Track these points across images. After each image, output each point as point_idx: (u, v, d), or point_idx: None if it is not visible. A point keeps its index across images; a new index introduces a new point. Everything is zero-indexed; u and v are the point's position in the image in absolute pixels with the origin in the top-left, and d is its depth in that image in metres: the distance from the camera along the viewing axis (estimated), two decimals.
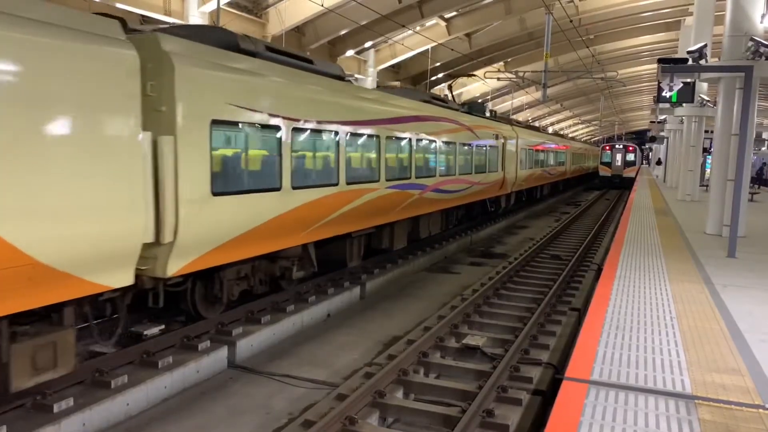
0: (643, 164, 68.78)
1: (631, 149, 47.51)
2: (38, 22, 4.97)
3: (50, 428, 5.56)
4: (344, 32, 26.40)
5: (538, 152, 27.46)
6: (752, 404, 4.92)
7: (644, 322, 7.11)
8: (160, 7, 19.07)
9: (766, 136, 47.63)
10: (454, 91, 42.50)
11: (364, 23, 24.61)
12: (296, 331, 9.41)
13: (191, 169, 6.67)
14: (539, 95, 47.27)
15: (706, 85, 22.05)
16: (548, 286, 12.19)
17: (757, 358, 6.01)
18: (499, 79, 34.01)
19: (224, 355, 7.84)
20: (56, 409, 5.81)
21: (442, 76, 37.96)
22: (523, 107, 57.59)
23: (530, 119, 62.07)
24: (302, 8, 22.76)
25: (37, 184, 4.94)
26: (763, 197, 28.46)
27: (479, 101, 34.09)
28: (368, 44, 30.06)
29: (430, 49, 32.19)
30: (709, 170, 29.97)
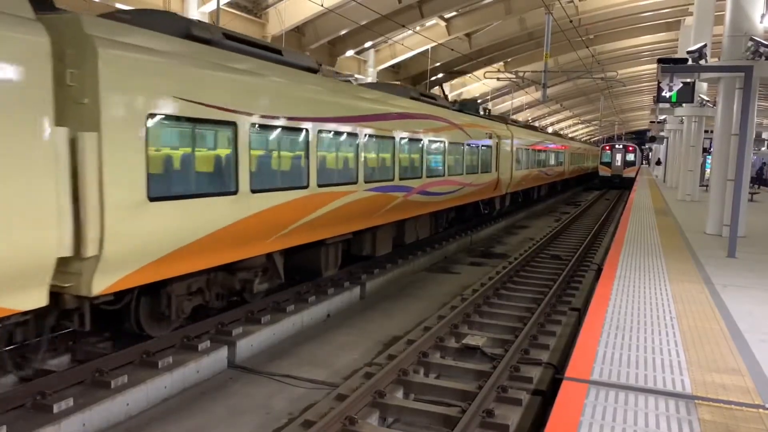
0: (643, 164, 68.79)
1: (630, 149, 47.53)
2: None
3: (50, 428, 5.55)
4: (344, 32, 26.40)
5: (534, 152, 26.83)
6: (752, 404, 4.92)
7: (644, 322, 7.11)
8: (159, 7, 19.07)
9: (766, 136, 47.64)
10: (454, 91, 42.59)
11: (364, 23, 24.61)
12: (296, 331, 9.41)
13: (121, 170, 5.82)
14: (539, 95, 47.27)
15: (705, 85, 22.06)
16: (548, 286, 12.19)
17: (757, 358, 6.01)
18: (498, 79, 34.01)
19: (224, 355, 7.83)
20: (56, 409, 5.80)
21: (442, 76, 37.98)
22: (523, 107, 57.61)
23: (530, 119, 62.08)
24: (302, 8, 22.76)
25: None
26: (763, 197, 28.46)
27: (478, 101, 34.11)
28: (368, 44, 30.06)
29: (430, 49, 32.19)
30: (709, 170, 29.97)
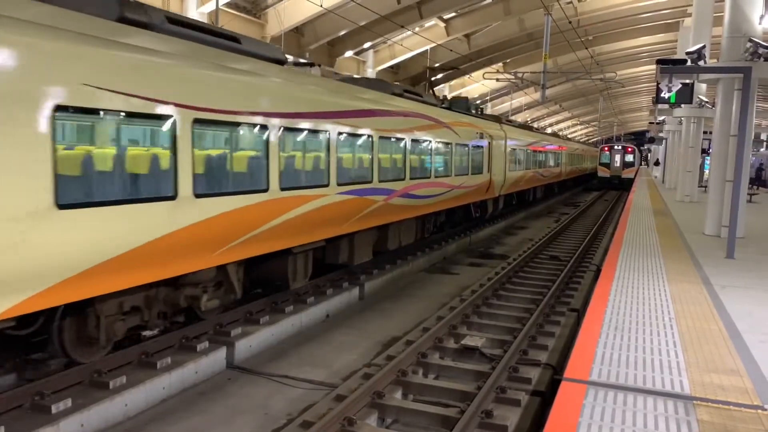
0: (641, 165, 68.87)
1: (629, 150, 47.59)
2: None
3: (48, 429, 5.54)
4: (343, 33, 26.42)
5: (530, 153, 26.09)
6: (751, 405, 4.92)
7: (643, 322, 7.11)
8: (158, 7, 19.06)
9: (764, 136, 47.70)
10: (454, 91, 42.59)
11: (363, 24, 24.62)
12: (295, 331, 9.40)
13: (14, 172, 4.87)
14: (538, 96, 47.30)
15: (704, 86, 22.08)
16: (547, 286, 12.20)
17: (755, 358, 6.01)
18: (498, 80, 34.03)
19: (223, 355, 7.83)
20: (54, 410, 5.79)
21: (441, 76, 37.99)
22: (522, 108, 57.65)
23: (529, 120, 62.13)
24: (301, 9, 22.77)
25: None
26: (761, 198, 28.49)
27: (477, 102, 34.16)
28: (367, 45, 30.07)
29: (429, 49, 32.21)
30: (707, 171, 29.99)
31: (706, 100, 22.30)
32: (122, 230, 5.92)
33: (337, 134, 9.91)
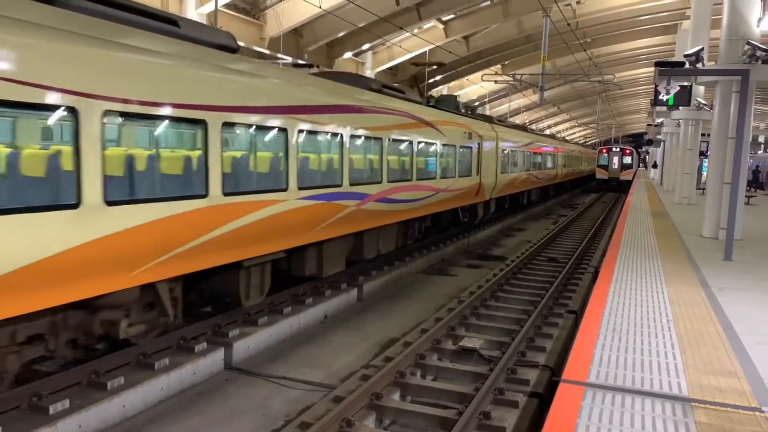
0: (640, 167, 68.96)
1: (627, 152, 47.68)
2: None
3: (46, 430, 5.53)
4: (342, 34, 26.42)
5: (523, 154, 25.16)
6: (748, 407, 4.93)
7: (641, 324, 7.12)
8: (157, 7, 19.06)
9: (762, 139, 47.80)
10: (453, 92, 42.61)
11: (362, 25, 24.64)
12: (293, 332, 9.40)
13: None
14: (537, 98, 47.40)
15: (702, 88, 22.14)
16: (545, 288, 12.21)
17: (753, 360, 6.02)
18: (496, 81, 34.07)
19: (221, 356, 7.82)
20: (52, 410, 5.78)
21: (439, 78, 38.03)
22: (520, 110, 57.72)
23: (527, 122, 62.21)
24: (300, 10, 22.78)
25: None
26: (759, 200, 28.54)
27: (476, 103, 34.18)
28: (366, 46, 30.08)
29: (427, 51, 32.24)
30: (705, 173, 30.05)
31: (704, 102, 22.36)
32: (7, 245, 4.83)
33: (297, 132, 8.81)
